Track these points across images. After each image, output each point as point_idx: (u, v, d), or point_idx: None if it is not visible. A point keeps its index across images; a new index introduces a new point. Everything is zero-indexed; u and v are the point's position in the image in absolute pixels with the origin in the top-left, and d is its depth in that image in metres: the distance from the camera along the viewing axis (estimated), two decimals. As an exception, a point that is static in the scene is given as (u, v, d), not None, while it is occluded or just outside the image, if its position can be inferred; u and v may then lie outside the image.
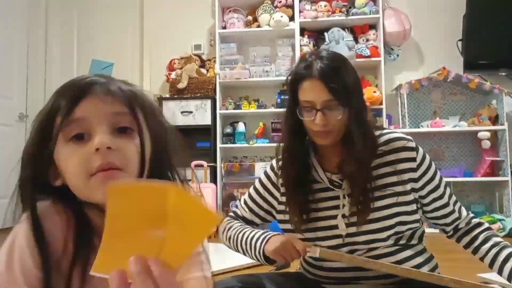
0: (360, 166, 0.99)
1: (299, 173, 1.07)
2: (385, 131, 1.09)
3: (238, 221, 1.19)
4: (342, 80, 0.98)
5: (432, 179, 1.05)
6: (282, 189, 1.12)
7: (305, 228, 1.07)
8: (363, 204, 1.00)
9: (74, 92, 0.61)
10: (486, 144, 3.28)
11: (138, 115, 0.63)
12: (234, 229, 1.15)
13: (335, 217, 1.05)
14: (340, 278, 1.05)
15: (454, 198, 1.09)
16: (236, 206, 1.25)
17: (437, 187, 1.05)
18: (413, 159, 1.03)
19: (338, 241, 1.04)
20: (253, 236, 1.08)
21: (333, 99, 0.98)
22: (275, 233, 1.06)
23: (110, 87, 0.63)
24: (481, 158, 3.42)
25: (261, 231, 1.09)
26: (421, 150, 1.06)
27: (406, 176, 1.02)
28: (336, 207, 1.05)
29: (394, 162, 1.03)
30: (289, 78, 1.06)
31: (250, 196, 1.20)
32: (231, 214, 1.24)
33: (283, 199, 1.12)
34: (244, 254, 1.10)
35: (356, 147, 0.99)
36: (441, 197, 1.06)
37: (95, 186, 0.58)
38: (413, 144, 1.05)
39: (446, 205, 1.07)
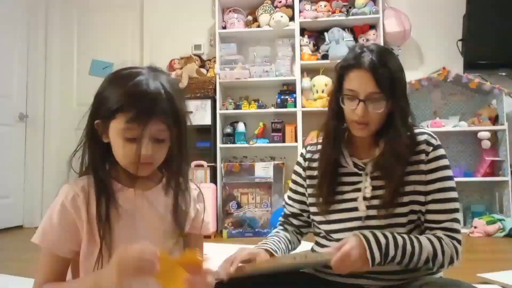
0: (399, 162, 1.02)
1: (337, 156, 1.11)
2: (415, 128, 1.10)
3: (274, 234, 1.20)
4: (390, 74, 1.01)
5: (440, 179, 1.03)
6: (309, 172, 1.17)
7: (329, 210, 1.09)
8: (392, 195, 1.02)
9: (141, 107, 0.82)
10: (486, 144, 3.28)
11: (174, 131, 0.86)
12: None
13: (356, 199, 1.07)
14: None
15: (457, 214, 1.03)
16: (284, 207, 1.26)
17: (443, 189, 1.03)
18: (427, 153, 1.04)
19: (358, 223, 1.06)
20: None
21: (378, 92, 1.00)
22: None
23: (161, 114, 0.83)
24: (481, 158, 3.42)
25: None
26: (440, 151, 1.05)
27: (420, 167, 1.04)
28: (358, 189, 1.07)
29: (413, 153, 1.05)
30: (339, 65, 1.08)
31: (290, 189, 1.23)
32: (281, 219, 1.25)
33: (310, 182, 1.16)
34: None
35: (399, 143, 1.01)
36: (442, 201, 1.02)
37: (135, 169, 0.85)
38: (434, 142, 1.06)
39: (444, 211, 1.02)
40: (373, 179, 1.06)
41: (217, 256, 1.23)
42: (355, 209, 1.06)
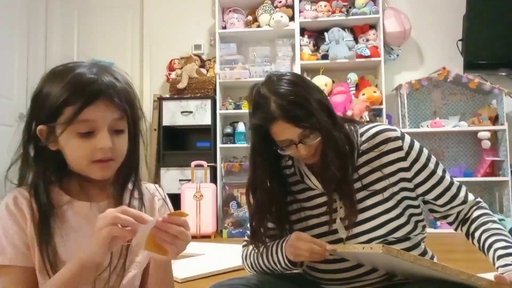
0: (339, 178, 1.00)
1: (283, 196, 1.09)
2: (368, 126, 1.07)
3: (251, 247, 1.17)
4: (305, 109, 0.96)
5: (425, 165, 1.03)
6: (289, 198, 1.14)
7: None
8: (351, 207, 1.01)
9: (86, 97, 0.74)
10: (486, 144, 3.28)
11: (131, 120, 0.81)
12: (251, 256, 1.15)
13: (334, 221, 1.05)
14: (338, 279, 1.05)
15: (457, 183, 1.07)
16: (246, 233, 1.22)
17: (433, 172, 1.04)
18: (400, 148, 1.02)
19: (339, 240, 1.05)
20: (271, 253, 1.08)
21: (303, 130, 0.97)
22: (283, 240, 1.07)
23: (114, 96, 0.77)
24: (481, 158, 3.42)
25: (272, 247, 1.09)
26: (407, 138, 1.05)
27: (395, 167, 1.02)
28: (334, 210, 1.05)
29: (380, 156, 1.03)
30: (253, 127, 1.03)
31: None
32: (244, 241, 1.22)
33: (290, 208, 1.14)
34: (273, 272, 1.11)
35: (331, 165, 0.99)
36: (439, 182, 1.04)
37: (95, 170, 0.78)
38: (397, 134, 1.04)
39: (447, 189, 1.05)
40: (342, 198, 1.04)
41: (217, 256, 1.23)
42: (335, 231, 1.04)
